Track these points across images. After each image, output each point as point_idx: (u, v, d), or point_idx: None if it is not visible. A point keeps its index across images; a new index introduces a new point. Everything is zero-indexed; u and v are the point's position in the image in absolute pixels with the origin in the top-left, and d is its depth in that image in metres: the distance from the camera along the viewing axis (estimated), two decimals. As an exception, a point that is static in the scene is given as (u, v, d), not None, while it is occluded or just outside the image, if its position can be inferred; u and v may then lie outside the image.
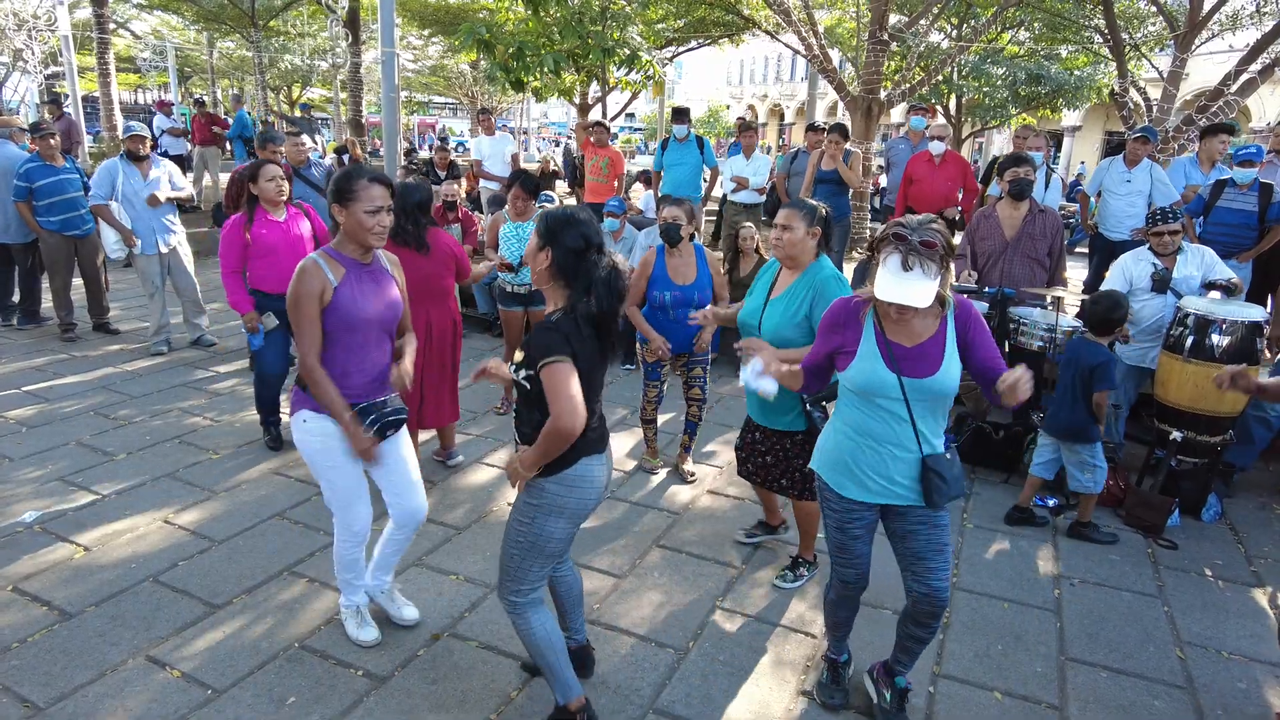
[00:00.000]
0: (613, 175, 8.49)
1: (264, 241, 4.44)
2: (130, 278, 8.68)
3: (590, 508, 2.44)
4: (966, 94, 16.56)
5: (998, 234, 4.96)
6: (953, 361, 2.37)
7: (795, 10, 10.14)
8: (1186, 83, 10.14)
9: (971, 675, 3.00)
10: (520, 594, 2.44)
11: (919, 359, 2.35)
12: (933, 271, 2.20)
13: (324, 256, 2.68)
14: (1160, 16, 9.82)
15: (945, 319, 2.38)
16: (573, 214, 2.31)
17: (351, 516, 2.87)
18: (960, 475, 2.45)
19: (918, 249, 2.18)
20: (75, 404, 5.22)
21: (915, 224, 2.24)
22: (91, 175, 6.37)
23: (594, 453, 2.40)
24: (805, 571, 3.58)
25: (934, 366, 2.34)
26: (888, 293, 2.20)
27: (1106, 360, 3.91)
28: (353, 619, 3.05)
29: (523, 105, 34.96)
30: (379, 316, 2.75)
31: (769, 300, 3.28)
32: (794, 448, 3.38)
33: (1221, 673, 3.08)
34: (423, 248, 4.05)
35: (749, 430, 3.53)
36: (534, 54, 8.12)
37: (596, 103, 14.72)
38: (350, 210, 2.62)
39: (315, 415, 2.72)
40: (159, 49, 26.52)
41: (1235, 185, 5.70)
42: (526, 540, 2.40)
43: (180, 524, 3.81)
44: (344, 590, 3.04)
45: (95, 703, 2.65)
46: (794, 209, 3.19)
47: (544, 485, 2.36)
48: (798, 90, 37.66)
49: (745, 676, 2.94)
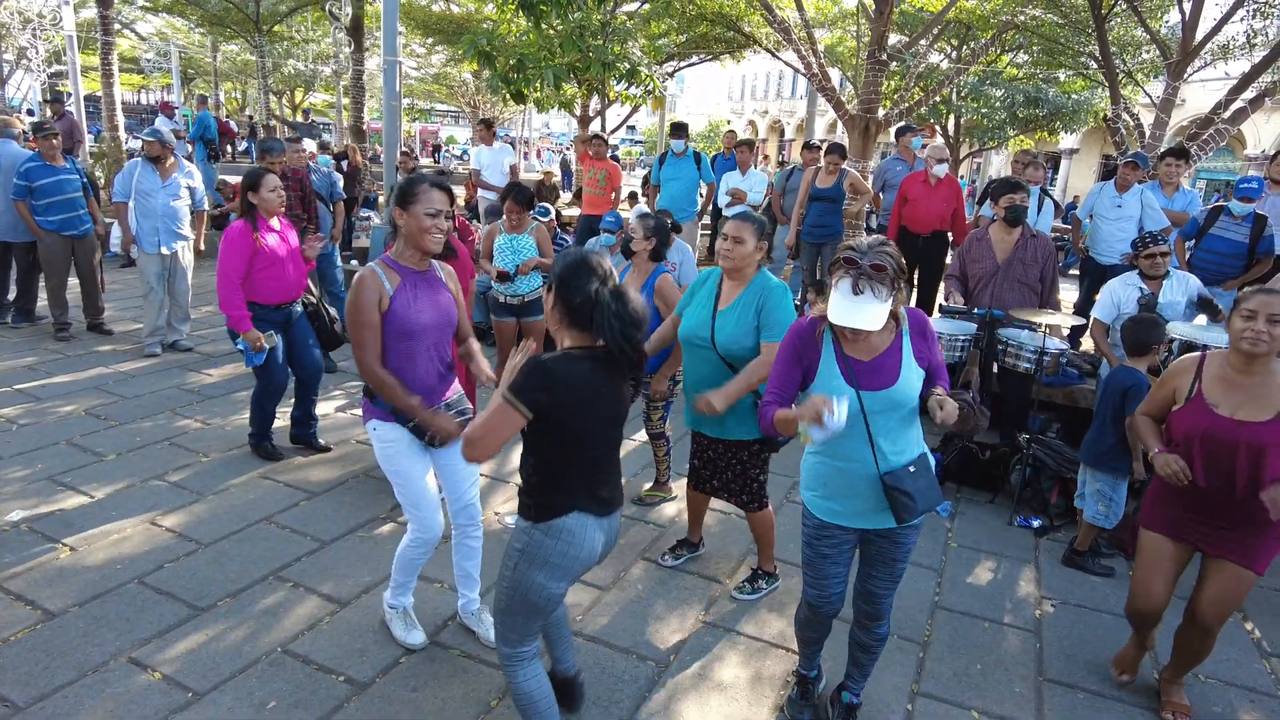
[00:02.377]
0: (610, 188, 8.55)
1: (272, 251, 4.34)
2: (126, 278, 8.72)
3: (577, 569, 2.26)
4: (965, 115, 16.71)
5: (989, 257, 5.00)
6: (911, 370, 2.39)
7: (796, 29, 10.24)
8: (1181, 109, 10.27)
9: (950, 694, 3.02)
10: (510, 644, 2.32)
11: (876, 372, 2.38)
12: (883, 294, 2.24)
13: (381, 265, 2.74)
14: (1154, 44, 9.93)
15: (900, 332, 2.42)
16: (582, 258, 2.19)
17: (425, 517, 2.89)
18: (929, 486, 2.41)
19: (868, 273, 2.22)
20: (66, 404, 5.23)
21: (865, 247, 2.26)
22: (90, 175, 6.41)
23: (591, 513, 2.24)
24: (764, 584, 3.59)
25: (892, 377, 2.37)
26: (839, 316, 2.24)
27: (1139, 384, 3.79)
28: (399, 621, 3.08)
29: (524, 115, 35.11)
30: (434, 324, 2.80)
31: (717, 312, 3.27)
32: (750, 458, 3.39)
33: (1199, 697, 3.10)
34: (451, 255, 4.14)
35: (706, 447, 3.48)
36: (535, 66, 8.17)
37: (597, 115, 14.82)
38: (411, 212, 2.69)
39: (383, 423, 2.82)
40: (163, 51, 26.63)
41: (1230, 215, 5.76)
42: (510, 586, 2.26)
43: (167, 526, 3.82)
44: (394, 590, 3.07)
45: (75, 703, 2.66)
46: (745, 221, 3.20)
47: (530, 530, 2.22)
48: (798, 107, 37.92)
49: (724, 691, 2.96)
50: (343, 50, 21.05)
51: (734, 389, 3.01)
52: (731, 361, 3.21)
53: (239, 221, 4.31)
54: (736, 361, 3.20)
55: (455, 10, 18.71)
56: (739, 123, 43.04)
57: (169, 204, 6.22)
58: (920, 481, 2.39)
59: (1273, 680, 3.25)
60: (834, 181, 7.38)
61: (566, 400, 2.10)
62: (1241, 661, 3.36)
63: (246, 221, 4.30)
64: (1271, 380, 2.61)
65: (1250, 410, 2.61)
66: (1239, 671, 3.29)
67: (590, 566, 2.31)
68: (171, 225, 6.25)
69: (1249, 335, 2.57)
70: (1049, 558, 4.11)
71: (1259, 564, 2.69)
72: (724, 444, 3.40)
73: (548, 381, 2.08)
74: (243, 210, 4.36)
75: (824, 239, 7.47)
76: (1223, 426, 2.62)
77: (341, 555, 3.67)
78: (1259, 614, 3.73)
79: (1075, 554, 4.03)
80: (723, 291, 3.30)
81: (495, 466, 4.75)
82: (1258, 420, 2.59)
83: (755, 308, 3.18)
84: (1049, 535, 4.33)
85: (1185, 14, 8.68)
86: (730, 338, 3.19)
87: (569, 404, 2.11)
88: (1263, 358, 2.59)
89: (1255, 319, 2.56)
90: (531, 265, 5.03)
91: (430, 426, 2.78)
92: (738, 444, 3.37)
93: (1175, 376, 2.84)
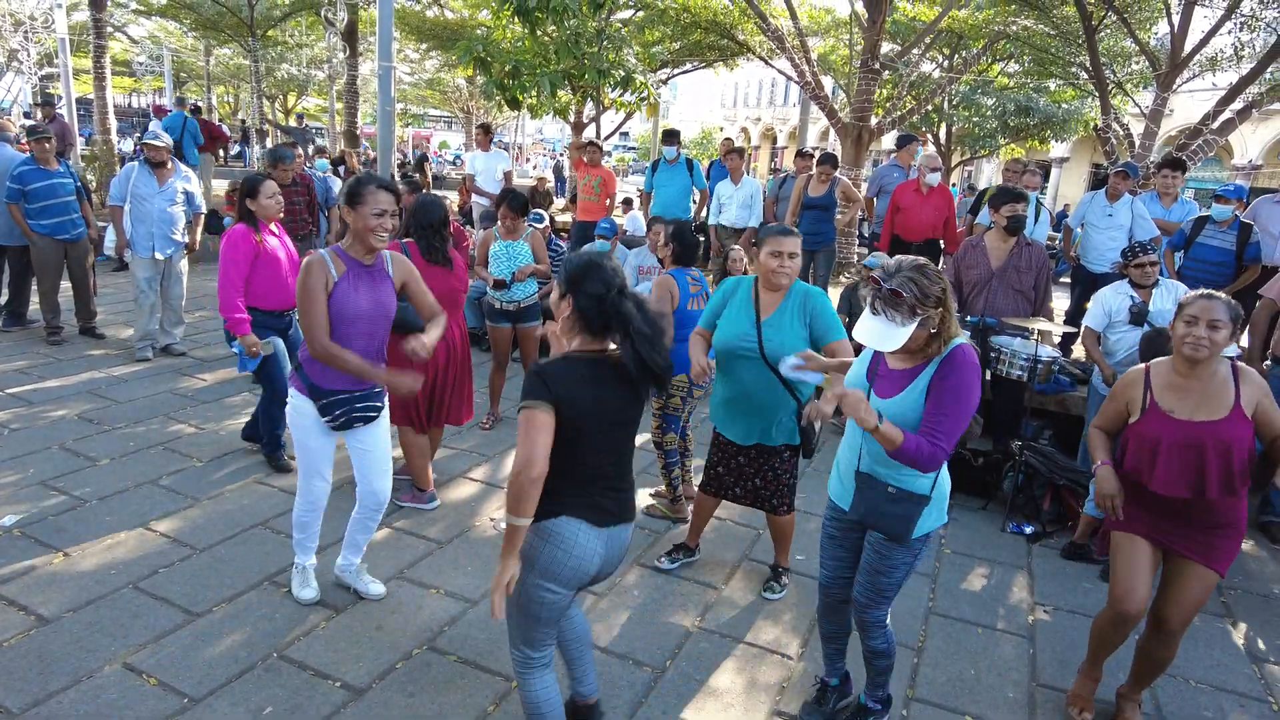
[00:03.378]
0: (604, 195, 8.57)
1: (273, 255, 4.33)
2: (119, 281, 8.68)
3: (568, 575, 2.20)
4: (956, 123, 16.82)
5: (984, 264, 5.04)
6: (912, 395, 2.37)
7: (789, 37, 10.31)
8: (1170, 119, 10.39)
9: (945, 699, 3.04)
10: (518, 646, 2.31)
11: (890, 381, 2.44)
12: (898, 319, 2.25)
13: (330, 253, 2.98)
14: (1143, 55, 10.03)
15: (933, 359, 2.37)
16: (593, 260, 2.20)
17: (311, 485, 3.20)
18: (896, 519, 2.44)
19: (885, 297, 2.25)
20: (58, 408, 5.20)
21: (894, 269, 2.28)
22: (82, 178, 6.36)
23: (586, 520, 2.20)
24: (786, 580, 3.71)
25: (895, 391, 2.41)
26: (859, 332, 2.31)
27: None
28: (298, 577, 3.36)
29: (518, 121, 35.15)
30: (369, 314, 3.02)
31: (761, 322, 3.30)
32: (782, 464, 3.44)
33: (1189, 701, 3.13)
34: (449, 263, 4.18)
35: (735, 454, 3.51)
36: (530, 73, 8.21)
37: (591, 122, 14.85)
38: (359, 212, 2.92)
39: (298, 395, 3.08)
40: (155, 54, 26.54)
41: (1215, 223, 5.83)
42: (517, 586, 2.22)
43: (161, 531, 3.81)
44: (296, 551, 3.35)
45: (70, 709, 2.65)
46: (792, 235, 3.26)
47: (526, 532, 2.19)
48: (790, 115, 38.09)
49: (720, 697, 2.97)
50: (337, 55, 21.05)
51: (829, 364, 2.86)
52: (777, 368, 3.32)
53: (240, 225, 4.28)
54: None
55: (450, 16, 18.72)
56: (732, 130, 43.13)
57: (165, 209, 6.16)
58: (890, 505, 2.46)
59: (1261, 685, 3.29)
60: (825, 190, 7.45)
61: (563, 400, 2.10)
62: (1230, 666, 3.39)
63: (247, 225, 4.27)
64: (1216, 379, 2.68)
65: (1206, 411, 2.67)
66: (1228, 676, 3.32)
67: (588, 576, 2.25)
68: (167, 231, 6.21)
69: (1190, 340, 2.63)
70: (1042, 564, 4.14)
71: (1221, 564, 2.74)
72: (756, 449, 3.44)
73: (546, 382, 2.10)
74: (240, 216, 4.33)
75: (816, 246, 7.53)
76: (1186, 431, 2.66)
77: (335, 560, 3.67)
78: (1247, 618, 3.77)
79: (1075, 546, 4.11)
80: (761, 301, 3.34)
81: (490, 473, 4.76)
82: (1215, 419, 2.64)
83: (802, 314, 3.28)
84: (1042, 542, 4.36)
85: (1174, 26, 8.79)
86: (780, 346, 3.22)
87: (563, 404, 2.10)
88: (1205, 362, 2.65)
89: (1196, 325, 2.62)
90: (528, 272, 5.05)
91: (390, 384, 3.04)
92: (772, 450, 3.43)
93: (1126, 389, 2.87)
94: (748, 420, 3.39)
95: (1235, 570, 4.23)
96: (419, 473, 4.23)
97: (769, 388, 3.30)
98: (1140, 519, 2.82)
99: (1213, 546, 2.73)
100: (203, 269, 8.92)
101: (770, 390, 3.30)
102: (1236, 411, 2.63)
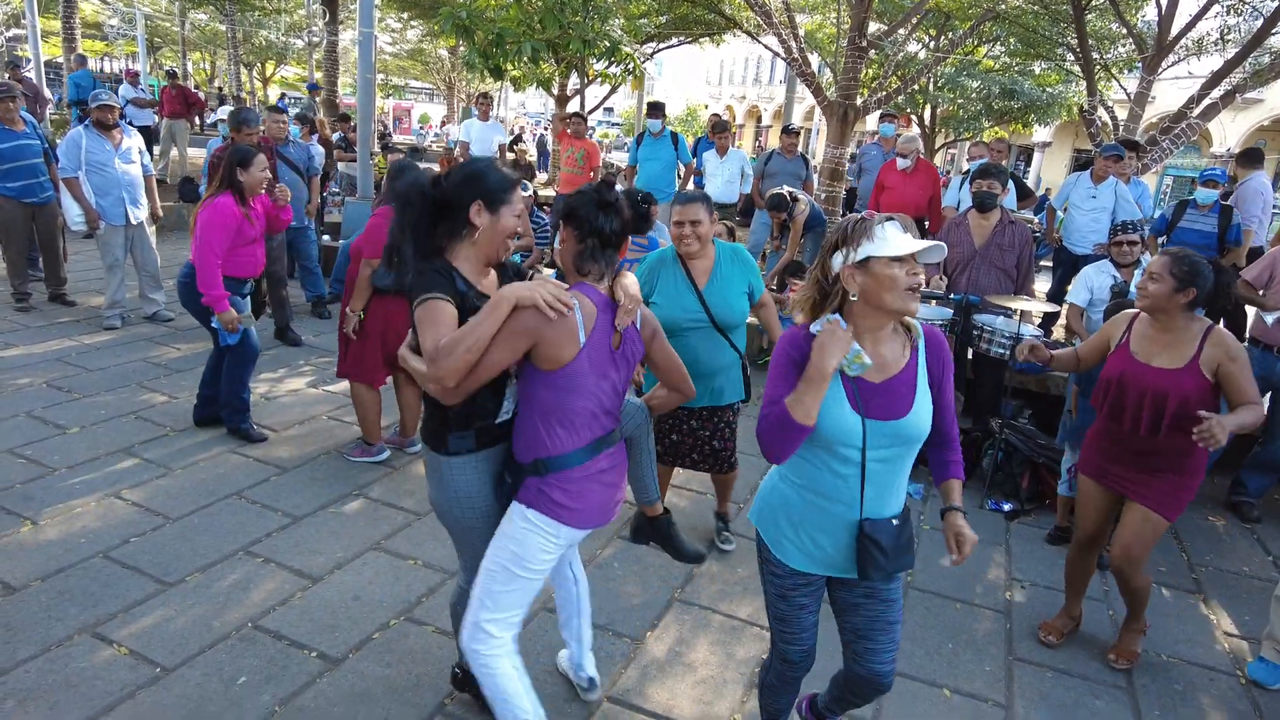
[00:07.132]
0: (588, 167, 8.48)
1: (255, 229, 4.22)
2: (89, 249, 8.46)
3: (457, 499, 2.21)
4: (941, 105, 16.79)
5: (967, 242, 5.04)
6: (924, 401, 2.00)
7: (777, 13, 10.18)
8: (1152, 106, 10.40)
9: (922, 672, 3.06)
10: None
11: (888, 397, 1.97)
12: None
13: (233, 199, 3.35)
14: (1130, 38, 10.05)
15: (916, 349, 2.03)
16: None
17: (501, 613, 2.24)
18: (907, 545, 2.04)
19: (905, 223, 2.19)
20: (27, 376, 5.08)
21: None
22: (51, 141, 6.18)
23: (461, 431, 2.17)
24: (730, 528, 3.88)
25: (905, 407, 1.97)
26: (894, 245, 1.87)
27: None
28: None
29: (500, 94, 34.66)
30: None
31: (701, 291, 3.32)
32: (733, 418, 3.54)
33: (1160, 675, 3.18)
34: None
35: (687, 419, 3.49)
36: (513, 41, 8.07)
37: (575, 95, 14.67)
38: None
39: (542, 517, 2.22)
40: (128, 17, 25.84)
41: (1197, 206, 5.87)
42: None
43: (133, 500, 3.74)
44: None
45: (38, 678, 2.59)
46: (692, 203, 3.27)
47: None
48: (775, 93, 37.86)
49: (698, 670, 2.97)
50: (317, 22, 20.61)
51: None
52: (728, 332, 3.38)
53: (226, 196, 4.08)
54: (732, 330, 3.41)
55: (432, -16, 18.38)
56: (717, 107, 42.86)
57: (126, 170, 5.99)
58: (901, 538, 2.03)
59: (1230, 659, 3.34)
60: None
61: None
62: (1200, 641, 3.45)
63: (229, 194, 4.09)
64: (1187, 334, 2.91)
65: (1166, 359, 2.92)
66: (1198, 651, 3.37)
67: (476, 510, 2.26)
68: (135, 194, 6.07)
69: (1139, 291, 2.96)
70: (1020, 541, 4.18)
71: (1169, 510, 2.97)
72: (708, 411, 3.49)
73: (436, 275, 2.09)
74: (227, 186, 4.10)
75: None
76: (1135, 370, 2.95)
77: (312, 531, 3.62)
78: (1217, 595, 3.83)
79: (1060, 530, 4.20)
80: (693, 270, 3.34)
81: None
82: (1170, 368, 2.89)
83: (740, 272, 3.38)
84: (1020, 519, 4.40)
85: (1161, 8, 8.79)
86: (729, 310, 3.34)
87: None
88: (1164, 313, 2.90)
89: (1147, 279, 2.90)
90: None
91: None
92: (724, 408, 3.49)
93: (1113, 326, 3.17)
94: (699, 384, 3.30)
95: (1206, 548, 4.29)
96: (371, 426, 4.32)
97: (717, 350, 3.38)
98: (1098, 464, 3.14)
99: (1156, 490, 2.96)
100: (175, 237, 8.72)
101: (719, 352, 3.38)
102: (1191, 366, 2.86)
